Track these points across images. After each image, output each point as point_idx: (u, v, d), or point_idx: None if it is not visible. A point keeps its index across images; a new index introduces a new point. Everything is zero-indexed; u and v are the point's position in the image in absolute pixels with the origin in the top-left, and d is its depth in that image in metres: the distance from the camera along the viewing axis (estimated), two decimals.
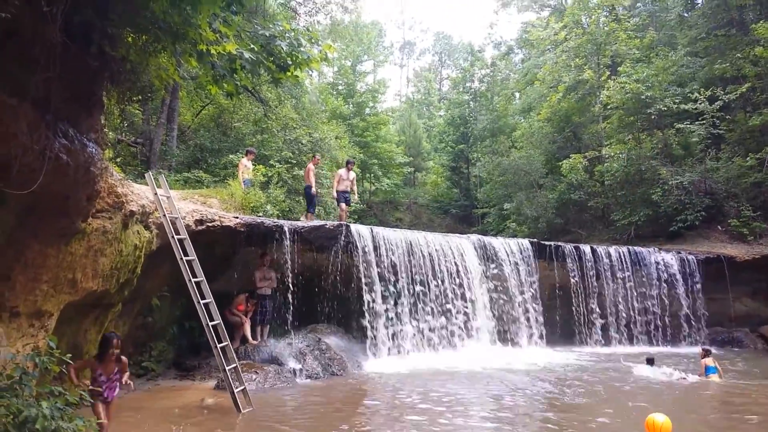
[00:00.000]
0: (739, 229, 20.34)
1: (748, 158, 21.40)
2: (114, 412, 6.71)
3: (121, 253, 7.94)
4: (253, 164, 15.91)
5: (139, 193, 8.65)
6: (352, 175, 15.91)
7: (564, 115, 29.80)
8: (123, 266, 8.09)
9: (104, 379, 6.39)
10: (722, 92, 22.21)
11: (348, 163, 16.24)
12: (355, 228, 14.21)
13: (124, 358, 6.68)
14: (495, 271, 16.94)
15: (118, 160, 16.74)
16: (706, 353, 12.79)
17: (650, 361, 13.08)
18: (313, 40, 7.71)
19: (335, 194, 15.71)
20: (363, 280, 13.71)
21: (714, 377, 12.24)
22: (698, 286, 18.87)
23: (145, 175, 9.77)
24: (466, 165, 42.81)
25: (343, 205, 15.51)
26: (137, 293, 9.28)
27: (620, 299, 18.58)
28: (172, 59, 7.27)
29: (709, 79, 24.30)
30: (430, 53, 72.85)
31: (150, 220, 9.07)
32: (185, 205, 10.88)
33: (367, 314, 13.62)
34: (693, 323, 18.84)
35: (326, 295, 13.73)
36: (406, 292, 14.70)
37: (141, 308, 10.10)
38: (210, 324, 8.54)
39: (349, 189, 15.66)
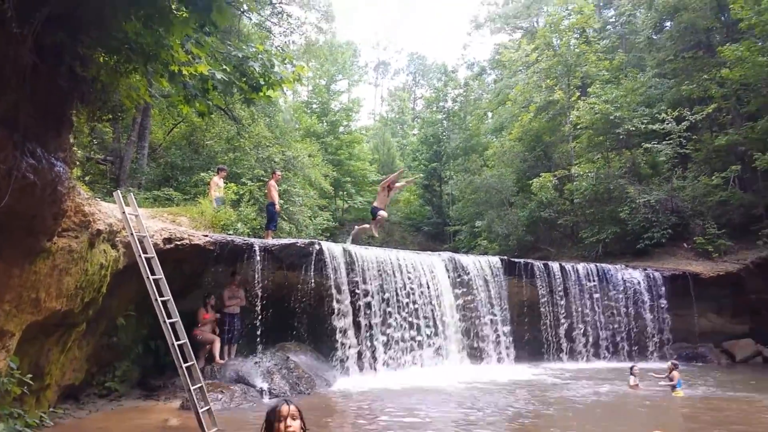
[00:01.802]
0: (704, 246, 20.80)
1: (713, 177, 21.98)
2: None
3: (87, 273, 7.88)
4: (224, 182, 15.88)
5: (107, 212, 8.60)
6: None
7: (535, 135, 30.31)
8: (88, 285, 8.01)
9: None
10: (689, 113, 22.83)
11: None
12: (327, 246, 14.25)
13: None
14: (465, 288, 17.08)
15: (87, 178, 16.59)
16: (675, 367, 13.07)
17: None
18: (286, 61, 7.80)
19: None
20: (334, 298, 13.72)
21: (680, 392, 12.51)
22: (664, 302, 19.24)
23: (114, 193, 9.72)
24: (439, 183, 43.13)
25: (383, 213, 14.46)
26: (102, 312, 9.17)
27: (588, 315, 18.84)
28: (144, 79, 7.29)
29: (677, 99, 24.97)
30: (405, 73, 73.67)
31: (117, 238, 9.02)
32: (154, 224, 10.83)
33: (337, 332, 13.61)
34: (658, 339, 19.16)
35: (297, 314, 13.69)
36: (377, 310, 14.74)
37: (106, 327, 9.98)
38: (176, 343, 8.48)
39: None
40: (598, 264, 20.10)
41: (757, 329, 19.69)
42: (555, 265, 19.05)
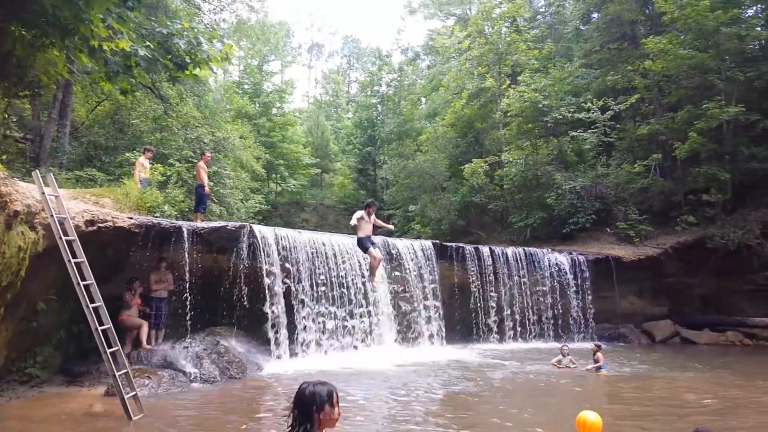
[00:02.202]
0: (626, 231, 21.74)
1: (636, 165, 22.93)
2: None
3: (4, 255, 7.52)
4: (151, 163, 15.42)
5: (25, 192, 8.22)
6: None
7: (467, 121, 30.77)
8: (5, 269, 7.66)
9: None
10: (613, 102, 23.73)
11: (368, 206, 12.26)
12: (258, 229, 14.07)
13: None
14: (398, 272, 17.27)
15: (4, 157, 15.72)
16: (598, 348, 13.64)
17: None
18: (213, 39, 7.62)
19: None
20: (265, 282, 13.59)
21: (604, 372, 13.09)
22: (588, 284, 20.02)
23: (32, 173, 9.30)
24: (373, 167, 43.26)
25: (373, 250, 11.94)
26: (21, 296, 8.79)
27: (516, 298, 19.41)
28: (62, 55, 7.00)
29: (602, 90, 25.87)
30: (339, 56, 73.17)
31: (36, 220, 8.64)
32: (75, 205, 10.42)
33: (269, 317, 13.50)
34: (582, 320, 19.95)
35: (227, 298, 13.49)
36: (309, 293, 14.71)
37: (25, 312, 9.56)
38: (99, 328, 8.24)
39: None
40: (526, 248, 20.72)
41: (675, 311, 20.85)
42: (485, 249, 19.52)
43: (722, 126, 20.47)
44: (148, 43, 6.70)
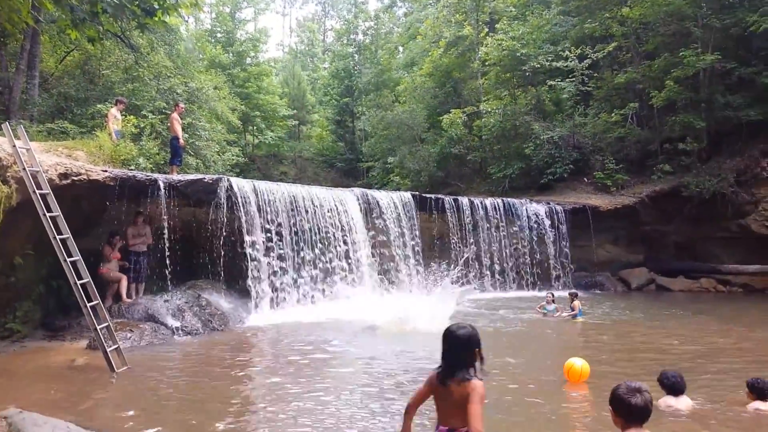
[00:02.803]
0: (603, 180, 21.93)
1: (613, 114, 22.94)
2: None
3: None
4: (123, 115, 15.07)
5: None
6: None
7: (445, 71, 30.47)
8: None
9: None
10: (591, 51, 23.52)
11: None
12: (236, 182, 13.94)
13: None
14: (378, 223, 17.28)
15: None
16: (574, 296, 13.88)
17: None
18: None
19: None
20: (245, 234, 13.53)
21: (581, 319, 13.36)
22: (565, 234, 20.26)
23: (2, 126, 9.05)
24: (351, 119, 42.88)
25: None
26: None
27: (495, 248, 19.60)
28: (26, 1, 6.72)
29: (580, 38, 25.59)
30: (314, 2, 71.51)
31: (8, 174, 8.47)
32: (48, 158, 10.18)
33: (249, 269, 13.50)
34: (560, 269, 20.26)
35: (207, 251, 13.43)
36: (289, 246, 14.70)
37: (3, 267, 9.46)
38: (78, 282, 8.17)
39: None
40: (504, 199, 20.82)
41: (650, 258, 21.24)
42: (464, 200, 19.61)
43: (698, 74, 20.44)
44: None
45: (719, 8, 20.44)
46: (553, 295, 14.29)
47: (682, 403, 6.20)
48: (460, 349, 3.27)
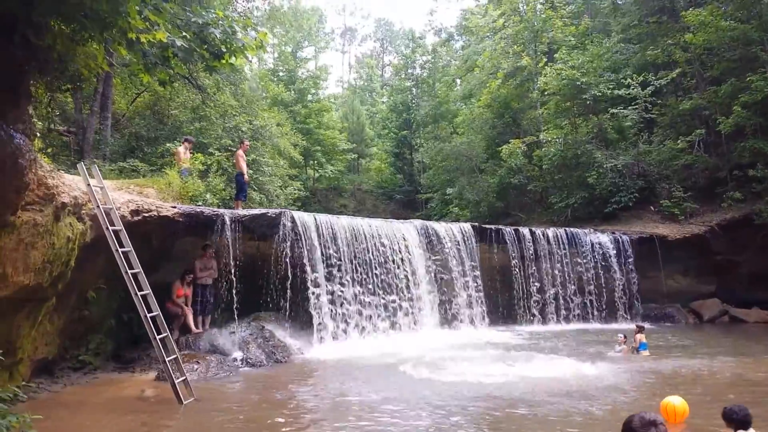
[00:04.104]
0: (670, 209, 21.25)
1: (678, 141, 22.31)
2: (52, 407, 6.59)
3: (54, 246, 7.75)
4: (191, 153, 15.65)
5: (71, 184, 8.44)
6: None
7: (503, 101, 30.36)
8: (56, 259, 7.89)
9: None
10: (654, 78, 23.11)
11: None
12: (298, 215, 14.21)
13: None
14: (438, 255, 17.23)
15: (49, 150, 16.16)
16: (640, 329, 13.42)
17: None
18: (248, 27, 7.65)
19: None
20: (307, 267, 13.72)
21: (644, 353, 12.86)
22: (632, 264, 19.65)
23: (77, 165, 9.52)
24: (410, 151, 43.15)
25: None
26: (72, 286, 9.06)
27: (558, 279, 19.18)
28: (101, 48, 7.11)
29: (642, 65, 25.18)
30: (372, 39, 72.91)
31: (83, 211, 8.87)
32: (120, 196, 10.65)
33: (311, 301, 13.65)
34: (627, 300, 19.61)
35: (270, 284, 13.67)
36: (351, 278, 14.80)
37: (77, 301, 9.86)
38: (148, 315, 8.44)
39: None
40: (567, 228, 20.43)
41: (722, 289, 20.32)
42: (525, 231, 19.33)
43: (767, 99, 19.76)
44: (184, 33, 6.75)
45: None
46: (624, 337, 13.50)
47: None
48: None
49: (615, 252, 19.68)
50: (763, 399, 8.01)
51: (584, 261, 19.51)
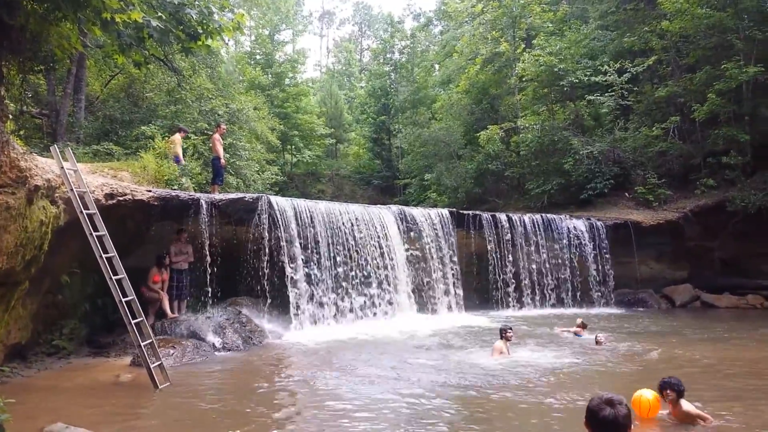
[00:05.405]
0: (645, 195, 21.48)
1: (654, 128, 22.48)
2: (25, 391, 6.52)
3: (26, 230, 7.62)
4: (185, 141, 15.65)
5: (44, 167, 8.29)
6: None
7: (482, 87, 30.41)
8: (28, 243, 7.76)
9: None
10: (630, 65, 23.25)
11: None
12: (275, 200, 14.14)
13: None
14: (415, 240, 17.28)
15: (22, 132, 15.82)
16: (583, 326, 13.34)
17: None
18: (224, 8, 7.56)
19: None
20: (284, 251, 13.69)
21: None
22: (606, 250, 19.90)
23: (51, 148, 9.36)
24: (388, 136, 43.10)
25: None
26: (45, 270, 8.93)
27: (534, 265, 19.37)
28: (75, 28, 6.97)
29: (619, 52, 25.31)
30: (350, 23, 72.48)
31: (57, 194, 8.73)
32: (94, 179, 10.50)
33: (288, 286, 13.64)
34: (601, 286, 19.88)
35: (247, 268, 13.63)
36: (328, 263, 14.80)
37: (50, 286, 9.74)
38: (123, 300, 8.36)
39: None
40: (543, 214, 20.55)
41: (695, 275, 20.64)
42: (502, 217, 19.45)
43: (741, 87, 20.04)
44: (159, 13, 6.64)
45: (761, 20, 20.04)
46: (583, 323, 13.48)
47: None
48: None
49: (590, 238, 19.88)
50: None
51: (560, 246, 19.69)
